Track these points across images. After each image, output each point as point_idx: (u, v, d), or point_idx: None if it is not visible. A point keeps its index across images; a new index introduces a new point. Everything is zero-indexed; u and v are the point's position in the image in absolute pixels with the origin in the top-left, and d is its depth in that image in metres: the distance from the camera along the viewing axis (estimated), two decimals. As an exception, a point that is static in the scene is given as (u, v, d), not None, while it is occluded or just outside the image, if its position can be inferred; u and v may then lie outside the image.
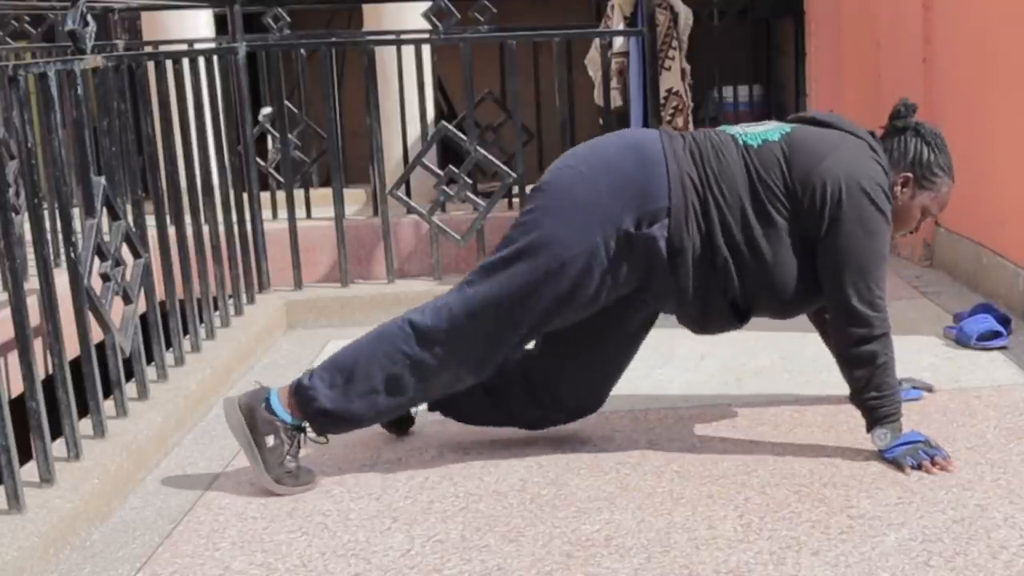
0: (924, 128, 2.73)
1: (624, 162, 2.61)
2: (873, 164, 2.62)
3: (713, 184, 2.58)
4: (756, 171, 2.60)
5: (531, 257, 2.58)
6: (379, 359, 2.64)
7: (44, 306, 2.62)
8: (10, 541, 2.28)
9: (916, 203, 2.73)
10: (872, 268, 2.58)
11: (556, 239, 2.57)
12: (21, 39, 5.54)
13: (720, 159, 2.61)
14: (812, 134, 2.66)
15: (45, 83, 2.65)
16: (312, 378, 2.66)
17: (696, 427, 3.00)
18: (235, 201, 4.08)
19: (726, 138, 2.66)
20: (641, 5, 5.10)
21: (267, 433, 2.63)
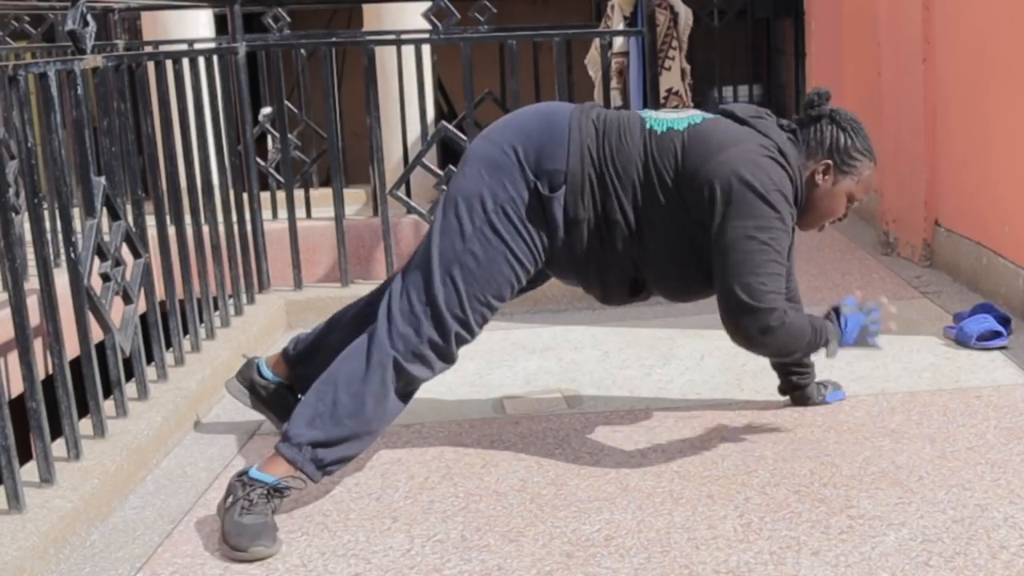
0: (839, 114, 2.72)
1: (530, 123, 2.66)
2: (771, 164, 2.59)
3: (609, 160, 2.61)
4: (652, 156, 2.61)
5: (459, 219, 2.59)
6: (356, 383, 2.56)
7: (44, 306, 2.62)
8: (10, 541, 2.28)
9: (840, 189, 2.71)
10: (761, 264, 2.54)
11: (474, 194, 2.60)
12: (21, 39, 5.54)
13: (621, 138, 2.62)
14: (717, 128, 2.64)
15: (45, 83, 2.65)
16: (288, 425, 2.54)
17: (696, 427, 3.00)
18: (235, 201, 4.08)
19: (636, 119, 2.68)
20: (641, 5, 5.10)
21: (228, 494, 2.48)
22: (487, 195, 2.59)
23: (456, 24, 4.34)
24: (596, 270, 2.70)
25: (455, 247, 2.58)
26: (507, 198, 2.59)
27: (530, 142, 2.62)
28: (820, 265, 4.85)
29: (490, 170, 2.61)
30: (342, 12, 9.43)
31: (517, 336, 3.94)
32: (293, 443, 2.50)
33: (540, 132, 2.63)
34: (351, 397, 2.53)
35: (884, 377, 3.31)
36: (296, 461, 2.49)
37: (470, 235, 2.58)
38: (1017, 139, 3.83)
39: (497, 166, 2.61)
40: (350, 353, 2.60)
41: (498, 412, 3.21)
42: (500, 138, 2.65)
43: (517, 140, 2.63)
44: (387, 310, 2.59)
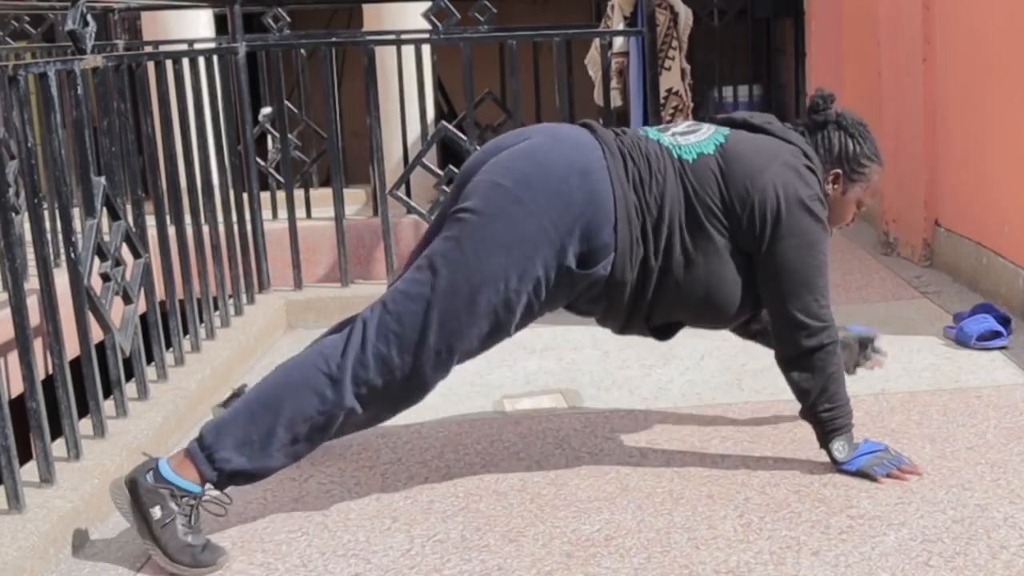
0: (845, 119, 2.67)
1: (570, 190, 2.41)
2: (808, 174, 2.54)
3: (653, 208, 2.47)
4: (692, 188, 2.50)
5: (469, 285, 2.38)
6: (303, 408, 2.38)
7: (44, 306, 2.62)
8: (10, 541, 2.28)
9: (849, 197, 2.68)
10: (816, 280, 2.52)
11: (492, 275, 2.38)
12: (21, 39, 5.54)
13: (658, 179, 2.48)
14: (746, 144, 2.55)
15: (45, 83, 2.65)
16: (214, 436, 2.36)
17: (696, 427, 3.00)
18: (235, 201, 4.08)
19: (662, 152, 2.53)
20: (641, 5, 5.10)
21: (151, 505, 2.30)
22: (510, 270, 2.37)
23: (456, 24, 4.34)
24: (625, 316, 2.61)
25: (460, 318, 2.37)
26: (534, 279, 2.39)
27: (579, 222, 2.39)
28: (820, 265, 4.84)
29: (526, 243, 2.37)
30: (342, 12, 9.42)
31: (517, 336, 3.92)
32: (215, 466, 2.33)
33: (586, 206, 2.40)
34: (288, 432, 2.36)
35: (884, 377, 3.31)
36: (211, 481, 2.34)
37: (482, 313, 2.38)
38: (1017, 139, 3.83)
39: (534, 240, 2.37)
40: (303, 382, 2.38)
41: (498, 412, 3.21)
42: (537, 205, 2.37)
43: (561, 215, 2.38)
44: (360, 350, 2.37)
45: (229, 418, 2.38)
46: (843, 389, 2.62)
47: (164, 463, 2.34)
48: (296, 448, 2.40)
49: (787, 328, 2.56)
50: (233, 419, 2.38)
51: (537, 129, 2.59)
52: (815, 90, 2.72)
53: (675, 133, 2.61)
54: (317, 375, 2.38)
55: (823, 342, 2.55)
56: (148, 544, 2.32)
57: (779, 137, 2.60)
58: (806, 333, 2.54)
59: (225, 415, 2.41)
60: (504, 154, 2.48)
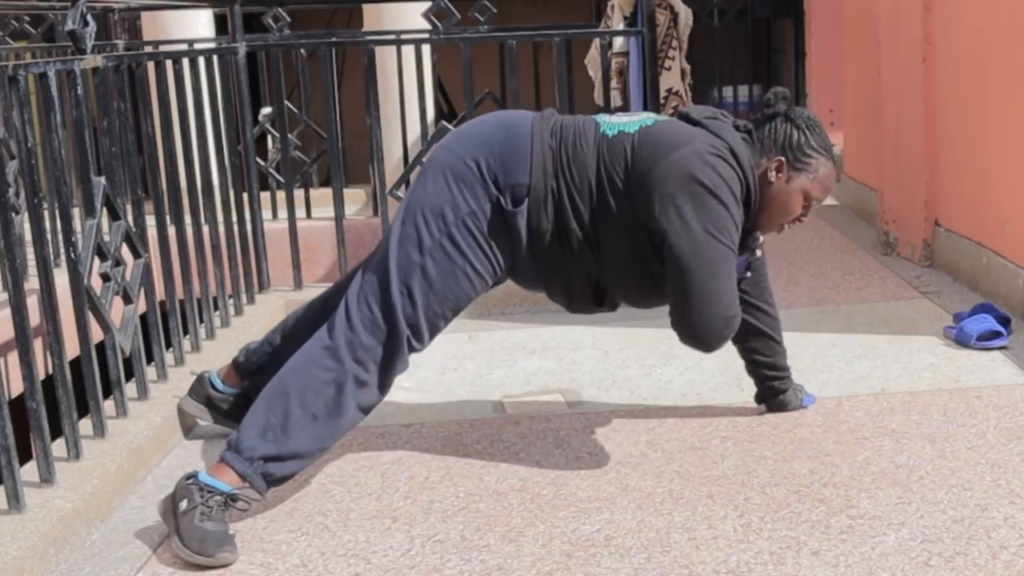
0: (794, 112, 2.70)
1: (492, 135, 2.64)
2: (720, 163, 2.55)
3: (566, 168, 2.59)
4: (604, 161, 2.60)
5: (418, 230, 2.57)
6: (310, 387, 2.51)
7: (44, 306, 2.62)
8: (10, 541, 2.28)
9: (795, 187, 2.67)
10: (718, 269, 2.52)
11: (434, 206, 2.57)
12: (21, 39, 5.54)
13: (576, 145, 2.61)
14: (667, 130, 2.61)
15: (45, 83, 2.65)
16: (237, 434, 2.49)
17: (696, 427, 3.00)
18: (235, 201, 4.08)
19: (591, 125, 2.66)
20: (641, 5, 5.10)
21: (180, 499, 2.40)
22: (447, 207, 2.57)
23: (456, 24, 4.34)
24: (560, 278, 2.69)
25: (412, 258, 2.55)
26: (468, 211, 2.57)
27: (493, 155, 2.60)
28: (820, 265, 4.85)
29: (452, 181, 2.59)
30: (342, 12, 9.43)
31: (517, 336, 3.94)
32: (244, 456, 2.44)
33: (503, 145, 2.61)
34: (304, 410, 2.47)
35: (884, 377, 3.31)
36: (246, 475, 2.43)
37: (428, 247, 2.56)
38: (1017, 139, 3.83)
39: (459, 177, 2.59)
40: (304, 362, 2.54)
41: (498, 412, 3.21)
42: (462, 150, 2.62)
43: (480, 152, 2.60)
44: (346, 319, 2.55)
45: (248, 415, 2.51)
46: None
47: (202, 472, 2.46)
48: (317, 428, 2.49)
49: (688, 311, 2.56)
50: (252, 413, 2.51)
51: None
52: (771, 88, 2.75)
53: (618, 115, 2.73)
54: (316, 351, 2.54)
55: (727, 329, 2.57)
56: (171, 532, 2.40)
57: (710, 131, 2.62)
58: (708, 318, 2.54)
59: (246, 415, 2.52)
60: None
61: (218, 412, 2.98)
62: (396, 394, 3.33)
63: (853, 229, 5.57)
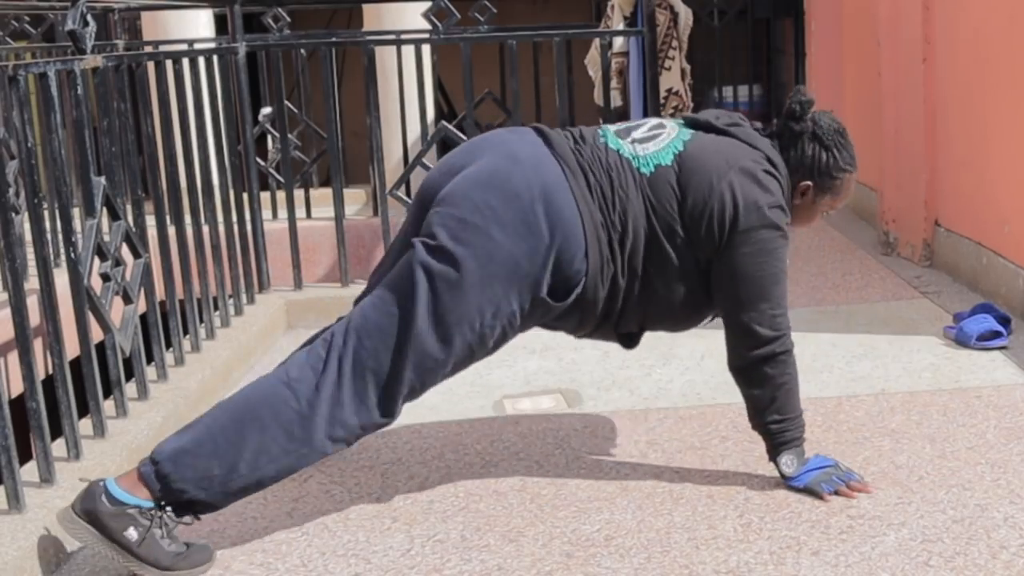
0: (821, 127, 2.56)
1: (538, 220, 2.36)
2: (769, 179, 2.48)
3: (619, 225, 2.43)
4: (651, 203, 2.45)
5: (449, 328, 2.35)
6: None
7: (44, 306, 2.62)
8: (10, 541, 2.28)
9: (819, 205, 2.63)
10: (771, 289, 2.47)
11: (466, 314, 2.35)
12: (21, 39, 5.54)
13: (620, 195, 2.44)
14: (705, 151, 2.49)
15: (45, 83, 2.65)
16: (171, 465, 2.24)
17: (696, 427, 3.00)
18: (235, 201, 4.08)
19: (622, 164, 2.47)
20: (641, 5, 5.10)
21: (123, 528, 2.20)
22: (487, 307, 2.35)
23: (456, 24, 4.34)
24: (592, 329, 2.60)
25: (436, 357, 2.35)
26: (509, 313, 2.38)
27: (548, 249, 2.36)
28: (820, 265, 4.85)
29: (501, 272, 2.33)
30: (342, 12, 9.43)
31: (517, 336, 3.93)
32: (171, 496, 2.23)
33: (554, 233, 2.36)
34: (252, 471, 2.27)
35: (884, 377, 3.31)
36: (162, 501, 2.24)
37: (456, 351, 2.37)
38: (1016, 139, 3.83)
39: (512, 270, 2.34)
40: (271, 415, 2.28)
41: (498, 412, 3.21)
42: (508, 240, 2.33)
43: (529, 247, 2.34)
44: (336, 384, 2.30)
45: (189, 446, 2.26)
46: (795, 401, 2.55)
47: (115, 487, 2.23)
48: (259, 486, 2.32)
49: (740, 336, 2.50)
50: (194, 449, 2.26)
51: (488, 145, 2.51)
52: (795, 92, 2.61)
53: (635, 140, 2.53)
54: (286, 410, 2.29)
55: (775, 351, 2.48)
56: (135, 565, 2.23)
57: (743, 141, 2.53)
58: (758, 342, 2.48)
59: (184, 441, 2.27)
60: (463, 182, 2.40)
61: None
62: (396, 394, 3.34)
63: (853, 229, 5.57)
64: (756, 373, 2.51)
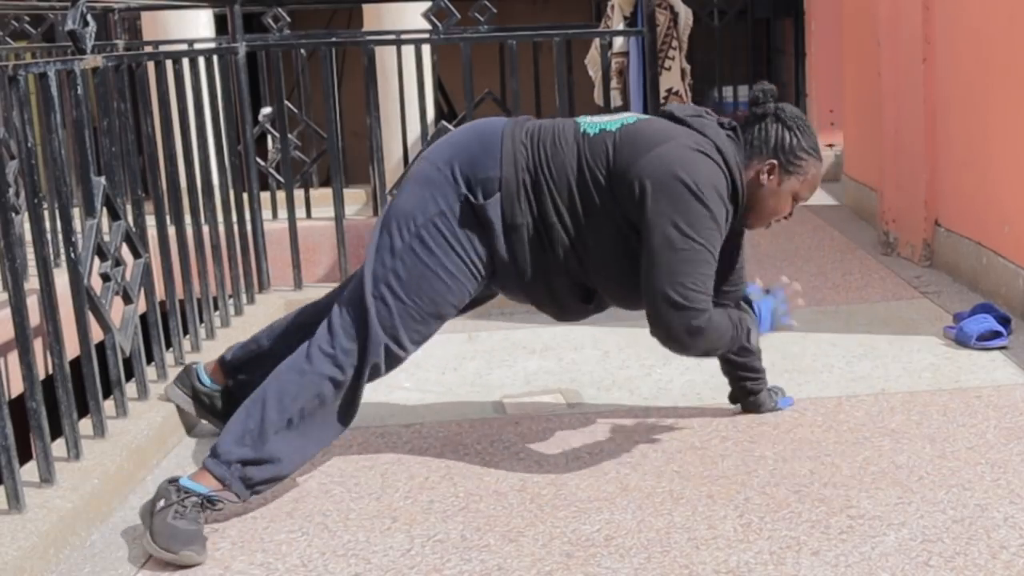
0: (784, 112, 2.66)
1: (463, 138, 2.69)
2: (704, 160, 2.55)
3: (543, 165, 2.59)
4: (585, 157, 2.59)
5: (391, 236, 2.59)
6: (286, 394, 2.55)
7: (44, 306, 2.62)
8: (10, 541, 2.28)
9: (785, 189, 2.66)
10: (689, 266, 2.51)
11: (406, 212, 2.60)
12: (21, 39, 5.54)
13: (555, 144, 2.62)
14: (650, 127, 2.62)
15: (45, 83, 2.65)
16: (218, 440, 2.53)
17: (696, 427, 3.00)
18: (235, 201, 4.08)
19: (570, 125, 2.67)
20: (641, 5, 5.10)
21: (158, 498, 2.43)
22: (417, 211, 2.59)
23: (456, 24, 4.34)
24: (542, 279, 2.67)
25: (384, 262, 2.58)
26: (437, 212, 2.59)
27: (463, 156, 2.62)
28: (820, 265, 4.85)
29: (423, 187, 2.62)
30: (342, 12, 9.43)
31: (517, 336, 3.94)
32: (222, 460, 2.48)
33: (473, 144, 2.64)
34: (280, 414, 2.51)
35: (884, 377, 3.31)
36: (224, 479, 2.46)
37: (399, 250, 2.58)
38: (1017, 139, 3.83)
39: (429, 182, 2.61)
40: (285, 368, 2.58)
41: (498, 412, 3.21)
42: (436, 156, 2.66)
43: (451, 155, 2.63)
44: (327, 326, 2.59)
45: (230, 421, 2.55)
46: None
47: (184, 477, 2.49)
48: (293, 433, 2.51)
49: (658, 308, 2.54)
50: (233, 419, 2.55)
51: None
52: (756, 83, 2.72)
53: (599, 116, 2.72)
54: (297, 357, 2.58)
55: (697, 324, 2.53)
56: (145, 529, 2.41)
57: (694, 129, 2.61)
58: (677, 316, 2.52)
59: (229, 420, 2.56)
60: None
61: (202, 406, 3.00)
62: (396, 394, 3.34)
63: (853, 229, 5.57)
64: (680, 346, 2.62)
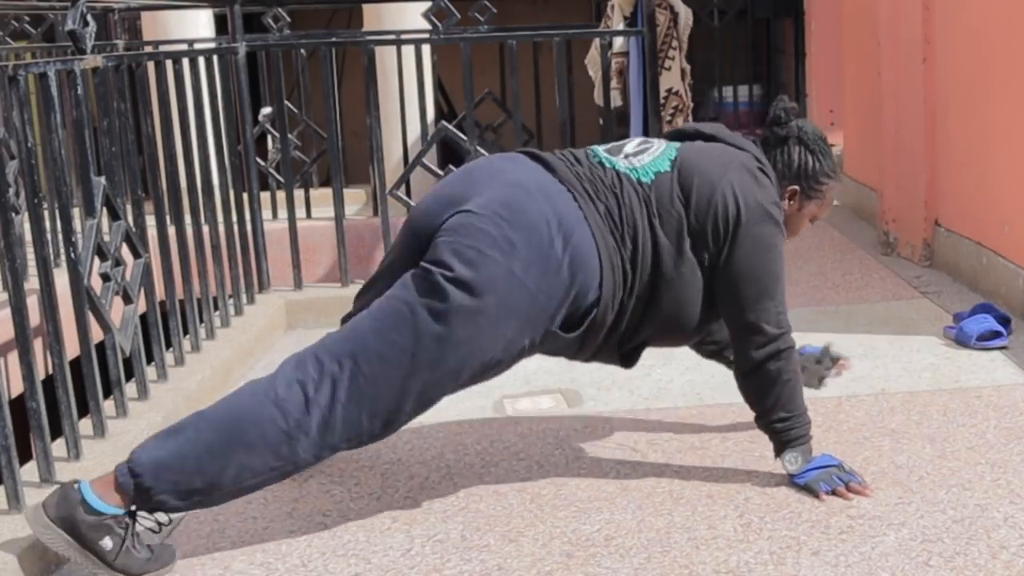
0: (806, 134, 2.61)
1: (558, 256, 2.31)
2: (764, 178, 2.51)
3: (628, 243, 2.41)
4: (657, 211, 2.43)
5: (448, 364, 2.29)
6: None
7: (44, 306, 2.62)
8: (10, 541, 2.28)
9: (804, 213, 2.64)
10: (774, 286, 2.47)
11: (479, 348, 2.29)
12: (21, 39, 5.54)
13: (625, 212, 2.41)
14: (701, 155, 2.51)
15: (45, 83, 2.65)
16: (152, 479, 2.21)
17: (696, 427, 3.00)
18: (235, 201, 4.08)
19: (620, 180, 2.46)
20: (641, 5, 5.10)
21: (99, 538, 2.18)
22: (500, 342, 2.30)
23: (456, 24, 4.34)
24: (595, 352, 2.56)
25: (443, 388, 2.33)
26: (520, 347, 2.35)
27: (567, 287, 2.33)
28: (820, 265, 4.85)
29: (511, 318, 2.29)
30: (342, 12, 9.43)
31: (517, 336, 3.94)
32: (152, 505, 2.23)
33: (573, 270, 2.32)
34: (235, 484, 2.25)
35: (884, 377, 3.31)
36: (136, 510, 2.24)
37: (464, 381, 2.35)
38: (1017, 139, 3.83)
39: (526, 313, 2.30)
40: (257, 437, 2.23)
41: (498, 412, 3.21)
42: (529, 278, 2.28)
43: (549, 285, 2.30)
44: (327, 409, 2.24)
45: (170, 460, 2.22)
46: (800, 399, 2.54)
47: (90, 493, 2.21)
48: (238, 493, 2.31)
49: (746, 337, 2.49)
50: (176, 464, 2.22)
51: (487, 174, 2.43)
52: (778, 100, 2.66)
53: (627, 155, 2.53)
54: (274, 431, 2.23)
55: (780, 348, 2.48)
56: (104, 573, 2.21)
57: (731, 144, 2.57)
58: (763, 340, 2.47)
59: (165, 454, 2.23)
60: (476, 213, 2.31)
61: None
62: (396, 394, 3.33)
63: (853, 229, 5.57)
64: (763, 372, 2.50)
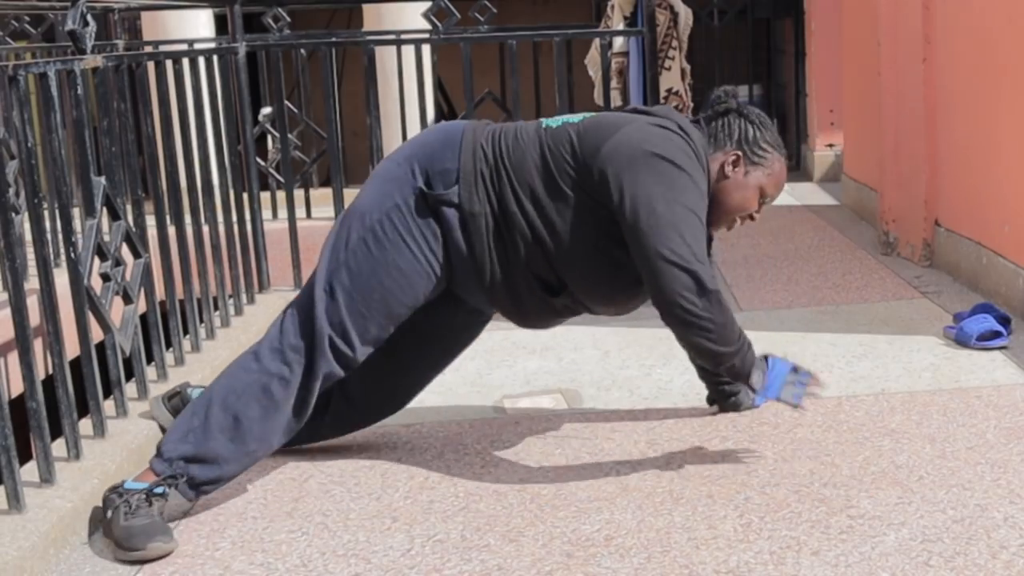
0: (746, 109, 2.70)
1: (425, 136, 2.73)
2: (670, 134, 2.55)
3: (504, 156, 2.59)
4: (548, 147, 2.58)
5: (347, 232, 2.60)
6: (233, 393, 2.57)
7: (44, 306, 2.62)
8: (10, 541, 2.28)
9: (751, 181, 2.64)
10: (678, 226, 2.44)
11: (363, 207, 2.61)
12: (21, 39, 5.54)
13: (516, 137, 2.62)
14: (612, 115, 2.66)
15: (45, 83, 2.65)
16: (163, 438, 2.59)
17: (696, 427, 3.00)
18: (235, 201, 4.08)
19: (532, 122, 2.69)
20: (641, 5, 5.10)
21: (106, 508, 2.46)
22: (374, 206, 2.60)
23: (456, 24, 4.34)
24: (502, 276, 2.60)
25: (338, 257, 2.59)
26: (392, 206, 2.58)
27: (423, 151, 2.63)
28: (820, 265, 4.85)
29: (381, 183, 2.63)
30: (342, 12, 9.44)
31: (517, 336, 3.93)
32: (164, 458, 2.51)
33: (433, 141, 2.66)
34: (225, 412, 2.53)
35: (884, 377, 3.31)
36: (163, 473, 2.50)
37: (352, 244, 2.58)
38: (1017, 139, 3.83)
39: (388, 178, 2.63)
40: (234, 365, 2.62)
41: (498, 412, 3.21)
42: (397, 154, 2.69)
43: (411, 152, 2.65)
44: (279, 323, 2.62)
45: (175, 420, 2.61)
46: (736, 327, 2.53)
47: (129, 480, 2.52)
48: (239, 431, 2.52)
49: (658, 278, 2.45)
50: (178, 418, 2.60)
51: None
52: (718, 87, 2.76)
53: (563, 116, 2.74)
54: (244, 355, 2.63)
55: (704, 284, 2.44)
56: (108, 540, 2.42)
57: (657, 115, 2.64)
58: (678, 277, 2.43)
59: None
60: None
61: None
62: (396, 394, 3.33)
63: (853, 229, 5.57)
64: (692, 317, 2.46)
